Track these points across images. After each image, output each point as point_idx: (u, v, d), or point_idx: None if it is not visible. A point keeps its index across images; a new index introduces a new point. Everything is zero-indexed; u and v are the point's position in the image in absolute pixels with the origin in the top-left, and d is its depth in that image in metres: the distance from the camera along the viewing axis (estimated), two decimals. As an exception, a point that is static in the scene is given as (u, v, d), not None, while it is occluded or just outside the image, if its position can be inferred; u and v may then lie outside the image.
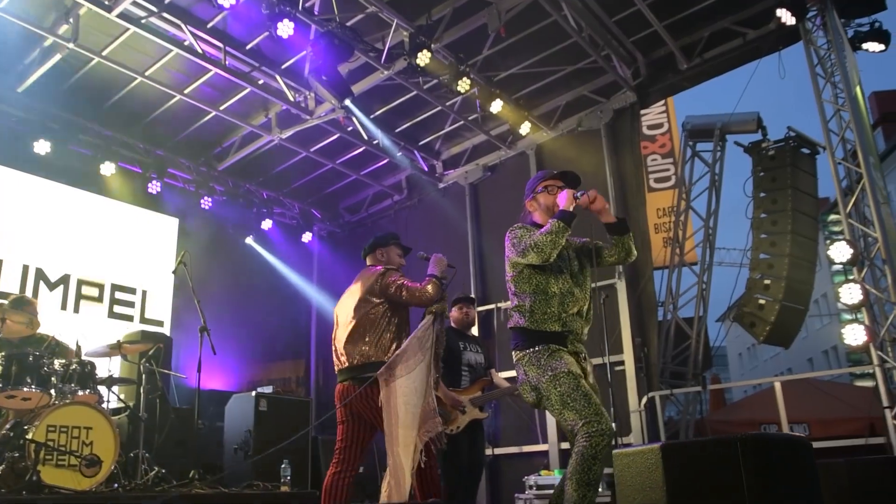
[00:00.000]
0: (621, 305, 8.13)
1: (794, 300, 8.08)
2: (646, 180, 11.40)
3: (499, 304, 9.19)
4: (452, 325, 5.80)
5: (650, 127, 12.63)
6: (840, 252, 6.54)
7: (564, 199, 3.49)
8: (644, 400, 7.57)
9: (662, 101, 11.99)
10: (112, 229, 9.00)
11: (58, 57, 7.37)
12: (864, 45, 7.60)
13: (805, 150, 8.30)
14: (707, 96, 12.74)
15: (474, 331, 6.49)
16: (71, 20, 6.93)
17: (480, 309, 9.23)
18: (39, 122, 7.97)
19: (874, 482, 3.05)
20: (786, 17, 7.10)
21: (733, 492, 1.96)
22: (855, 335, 6.35)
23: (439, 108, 8.89)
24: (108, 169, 8.45)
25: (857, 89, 7.51)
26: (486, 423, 5.77)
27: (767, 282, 8.09)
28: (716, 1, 7.64)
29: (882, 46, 7.61)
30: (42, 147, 7.89)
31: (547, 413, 8.39)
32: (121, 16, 6.73)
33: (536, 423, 8.40)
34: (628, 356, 7.93)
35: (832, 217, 19.14)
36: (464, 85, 7.68)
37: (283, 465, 6.18)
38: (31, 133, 7.90)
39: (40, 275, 8.15)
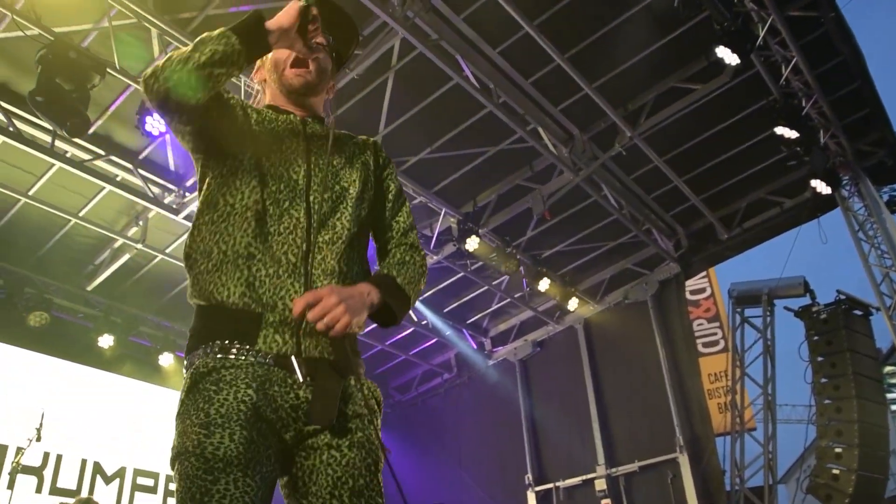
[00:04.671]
0: (686, 482, 7.77)
1: (870, 469, 7.67)
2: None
3: (557, 483, 8.86)
4: None
5: (693, 292, 12.71)
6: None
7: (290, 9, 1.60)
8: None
9: (703, 267, 12.12)
10: (169, 419, 8.98)
11: (126, 257, 7.84)
12: (901, 208, 7.79)
13: (857, 312, 8.23)
14: (748, 257, 12.84)
15: None
16: (140, 223, 7.44)
17: (538, 489, 8.90)
18: (104, 318, 8.30)
19: None
20: (821, 186, 7.31)
21: None
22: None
23: (486, 287, 9.10)
24: (166, 360, 8.66)
25: (902, 251, 7.58)
26: None
27: (839, 450, 7.72)
28: (749, 175, 7.95)
29: (917, 210, 7.79)
30: (105, 341, 8.15)
31: None
32: (187, 217, 7.20)
33: None
34: (700, 537, 7.50)
35: (888, 369, 18.49)
36: (511, 266, 7.91)
37: None
38: (96, 328, 8.21)
39: (97, 469, 8.12)
